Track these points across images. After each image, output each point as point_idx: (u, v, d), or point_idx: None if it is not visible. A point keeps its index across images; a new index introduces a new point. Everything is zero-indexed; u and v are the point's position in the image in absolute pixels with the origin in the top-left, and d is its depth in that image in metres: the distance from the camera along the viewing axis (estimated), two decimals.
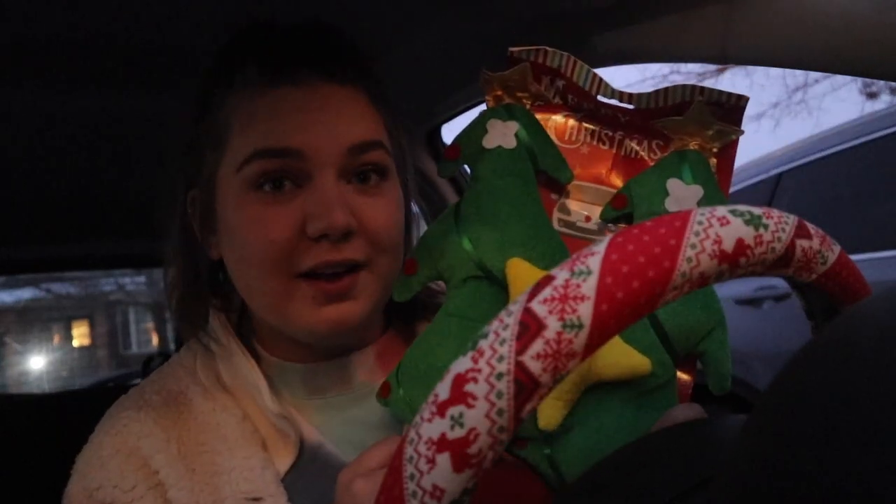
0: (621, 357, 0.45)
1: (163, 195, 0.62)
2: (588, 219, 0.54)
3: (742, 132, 0.51)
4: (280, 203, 0.52)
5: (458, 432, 0.25)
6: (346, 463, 0.56)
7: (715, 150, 0.52)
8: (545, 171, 0.53)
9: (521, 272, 0.48)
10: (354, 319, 0.54)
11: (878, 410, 0.19)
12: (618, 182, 0.54)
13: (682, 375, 0.49)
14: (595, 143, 0.55)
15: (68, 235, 1.68)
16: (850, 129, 2.67)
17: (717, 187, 0.51)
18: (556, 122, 0.56)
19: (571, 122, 0.56)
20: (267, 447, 0.55)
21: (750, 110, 0.52)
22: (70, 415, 1.00)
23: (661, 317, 0.47)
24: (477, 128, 0.54)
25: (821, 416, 0.20)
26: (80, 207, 1.45)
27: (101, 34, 0.72)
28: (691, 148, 0.52)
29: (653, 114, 0.52)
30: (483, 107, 0.57)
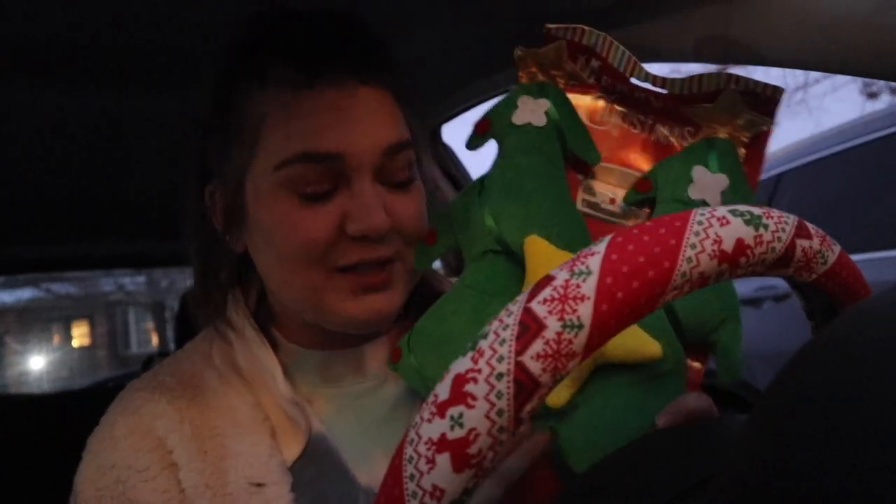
0: (632, 339, 0.45)
1: (179, 190, 0.62)
2: (613, 201, 0.53)
3: (773, 123, 0.50)
4: (317, 203, 0.53)
5: (458, 432, 0.25)
6: (346, 455, 0.56)
7: (745, 139, 0.51)
8: (573, 150, 0.53)
9: (539, 250, 0.48)
10: (391, 309, 0.56)
11: (878, 410, 0.19)
12: (645, 166, 0.54)
13: (694, 364, 0.49)
14: (626, 125, 0.55)
15: (68, 235, 1.68)
16: (850, 129, 2.67)
17: (743, 177, 0.50)
18: (588, 102, 0.55)
19: (603, 102, 0.55)
20: (276, 435, 0.56)
21: None
22: (70, 415, 1.00)
23: (675, 304, 0.46)
24: (508, 103, 0.54)
25: (821, 416, 0.20)
26: (80, 207, 1.44)
27: (101, 34, 0.72)
28: (721, 136, 0.51)
29: (684, 100, 0.52)
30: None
